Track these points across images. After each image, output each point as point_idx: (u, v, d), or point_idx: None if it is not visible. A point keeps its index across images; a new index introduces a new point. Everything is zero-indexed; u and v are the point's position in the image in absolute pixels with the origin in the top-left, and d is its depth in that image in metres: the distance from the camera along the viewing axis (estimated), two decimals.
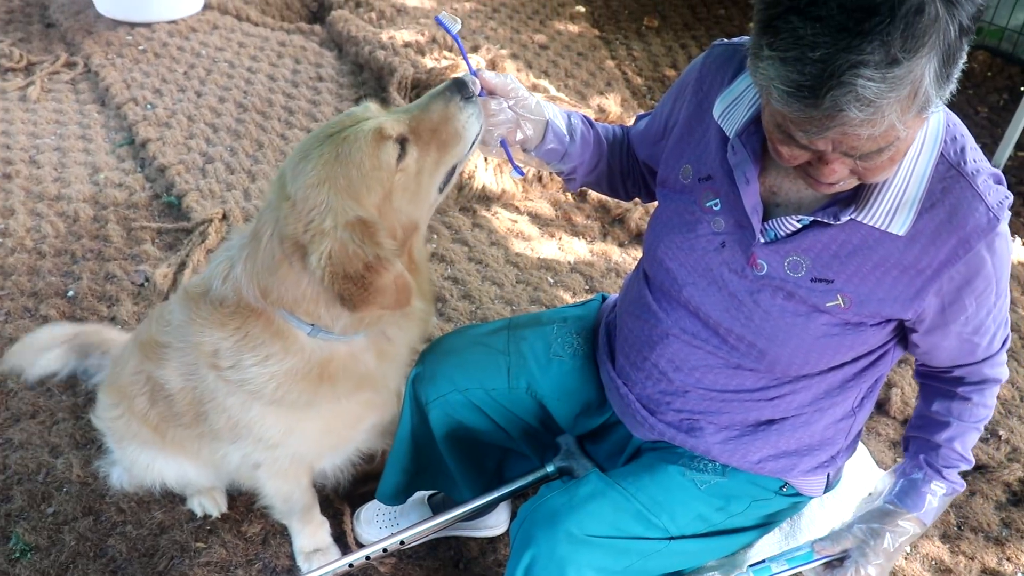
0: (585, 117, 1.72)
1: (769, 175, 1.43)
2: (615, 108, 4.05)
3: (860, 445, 1.88)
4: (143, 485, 2.15)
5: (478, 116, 1.53)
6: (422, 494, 2.23)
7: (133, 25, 4.75)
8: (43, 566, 2.13)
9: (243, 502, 2.30)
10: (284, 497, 2.00)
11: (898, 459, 2.55)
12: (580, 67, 4.68)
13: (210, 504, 2.25)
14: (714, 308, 1.47)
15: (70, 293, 3.01)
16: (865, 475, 1.84)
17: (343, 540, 2.23)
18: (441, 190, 1.61)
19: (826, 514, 1.74)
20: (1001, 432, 2.63)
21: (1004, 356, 1.56)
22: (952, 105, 1.26)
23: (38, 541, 2.19)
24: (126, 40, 4.64)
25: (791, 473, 1.58)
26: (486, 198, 3.61)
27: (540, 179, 3.71)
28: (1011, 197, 1.36)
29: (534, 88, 4.11)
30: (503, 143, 1.59)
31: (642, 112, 1.81)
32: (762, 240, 1.40)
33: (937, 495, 1.58)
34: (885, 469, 2.42)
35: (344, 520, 2.27)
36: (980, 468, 2.54)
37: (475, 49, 4.31)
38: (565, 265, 3.29)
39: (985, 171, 1.32)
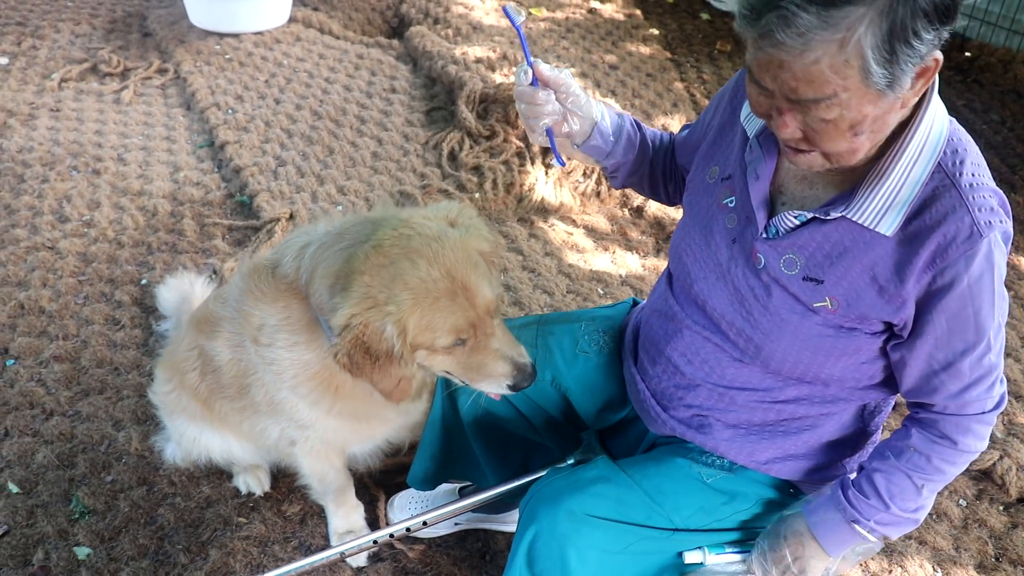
0: (635, 121, 1.79)
1: (779, 175, 1.48)
2: (678, 128, 4.09)
3: None
4: (191, 458, 2.28)
5: (501, 392, 1.68)
6: (454, 486, 2.30)
7: (222, 35, 5.02)
8: (98, 528, 2.28)
9: (285, 483, 2.41)
10: (319, 476, 2.10)
11: None
12: (648, 87, 4.73)
13: (254, 482, 2.37)
14: (719, 302, 1.52)
15: (143, 281, 3.19)
16: None
17: (377, 525, 2.31)
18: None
19: None
20: None
21: (984, 428, 1.46)
22: None
23: (96, 505, 2.34)
24: (215, 49, 4.89)
25: (799, 477, 1.60)
26: (544, 210, 3.68)
27: (598, 194, 3.78)
28: (1008, 224, 1.35)
29: None
30: (549, 132, 1.66)
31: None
32: (764, 235, 1.45)
33: (841, 527, 1.52)
34: None
35: (379, 506, 2.36)
36: (1023, 500, 2.48)
37: None
38: (616, 278, 3.34)
39: (982, 187, 1.32)
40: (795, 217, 1.41)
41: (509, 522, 2.27)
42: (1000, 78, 5.01)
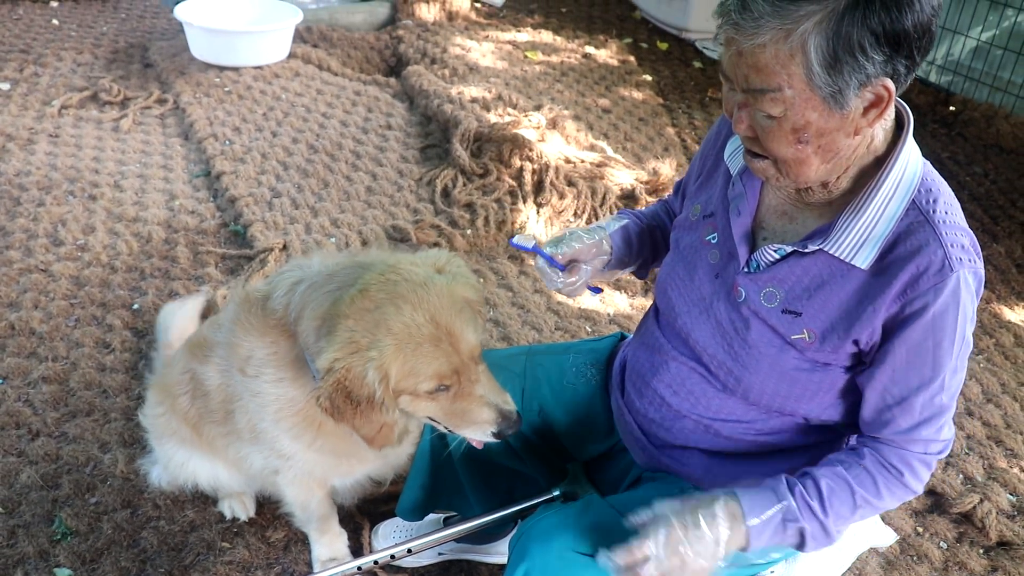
0: (633, 214, 1.89)
1: (760, 212, 1.53)
2: (668, 172, 4.16)
3: None
4: (177, 482, 2.28)
5: (485, 439, 1.69)
6: (440, 516, 2.31)
7: (222, 68, 5.09)
8: (80, 549, 2.27)
9: (269, 509, 2.41)
10: (302, 505, 2.11)
11: (918, 528, 2.53)
12: (640, 131, 4.82)
13: (239, 507, 2.37)
14: (702, 335, 1.56)
15: (135, 306, 3.21)
16: (868, 528, 1.86)
17: (360, 553, 2.31)
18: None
19: (823, 561, 1.77)
20: None
21: (924, 470, 1.47)
22: None
23: (78, 526, 2.34)
24: (214, 82, 4.96)
25: None
26: None
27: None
28: (979, 266, 1.39)
29: (591, 148, 4.26)
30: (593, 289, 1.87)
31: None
32: (745, 270, 1.49)
33: (775, 515, 1.42)
34: (904, 538, 2.42)
35: (363, 534, 2.36)
36: (1004, 544, 2.50)
37: (538, 108, 4.49)
38: (604, 316, 3.38)
39: (955, 226, 1.38)
40: (775, 251, 1.46)
41: (492, 553, 2.27)
42: (983, 132, 5.13)
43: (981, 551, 2.49)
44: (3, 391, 2.78)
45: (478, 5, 6.42)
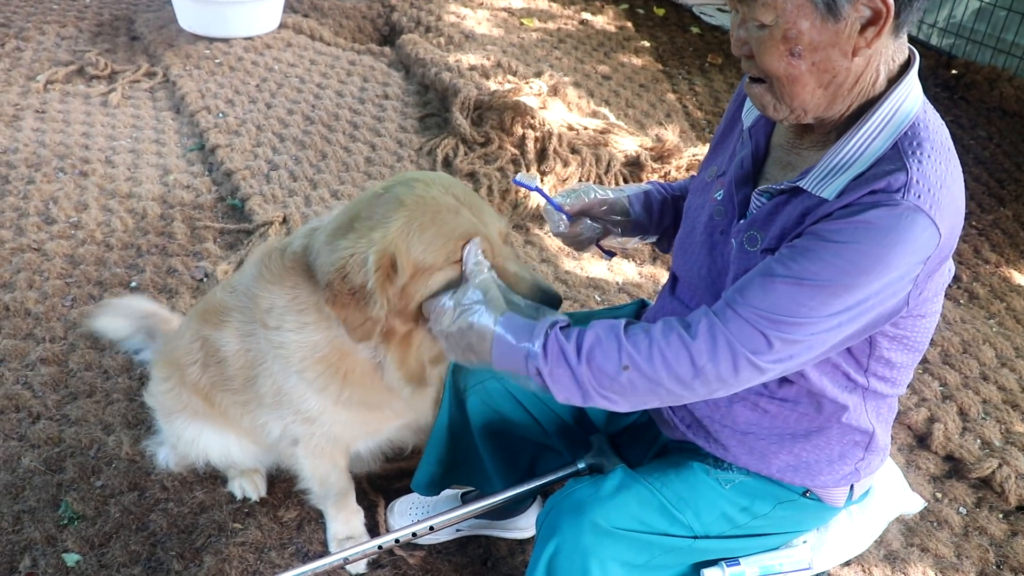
0: (661, 185, 1.86)
1: (765, 165, 1.51)
2: (672, 138, 4.08)
3: (894, 466, 1.87)
4: (188, 460, 2.23)
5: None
6: (457, 491, 2.26)
7: (212, 40, 4.97)
8: (88, 534, 2.21)
9: (282, 488, 2.36)
10: (321, 478, 2.05)
11: (937, 494, 2.50)
12: (641, 98, 4.74)
13: (250, 487, 2.32)
14: (707, 296, 1.53)
15: (133, 284, 3.13)
16: (897, 495, 1.83)
17: (376, 531, 2.26)
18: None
19: (854, 528, 1.73)
20: None
21: (724, 351, 1.29)
22: None
23: (85, 511, 2.28)
24: (204, 53, 4.84)
25: (813, 482, 1.58)
26: (540, 217, 3.66)
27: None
28: (944, 223, 1.26)
29: (593, 114, 4.18)
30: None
31: (698, 145, 1.91)
32: (741, 221, 1.47)
33: (517, 344, 1.37)
34: (924, 501, 2.40)
35: (378, 512, 2.31)
36: (1022, 508, 2.49)
37: (538, 75, 4.40)
38: (613, 285, 3.32)
39: (932, 171, 1.28)
40: (761, 195, 1.44)
41: (511, 528, 2.23)
42: (986, 95, 5.07)
43: (1001, 515, 2.46)
44: (0, 374, 2.70)
45: None
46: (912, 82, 1.35)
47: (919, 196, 1.24)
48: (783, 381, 1.50)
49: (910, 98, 1.34)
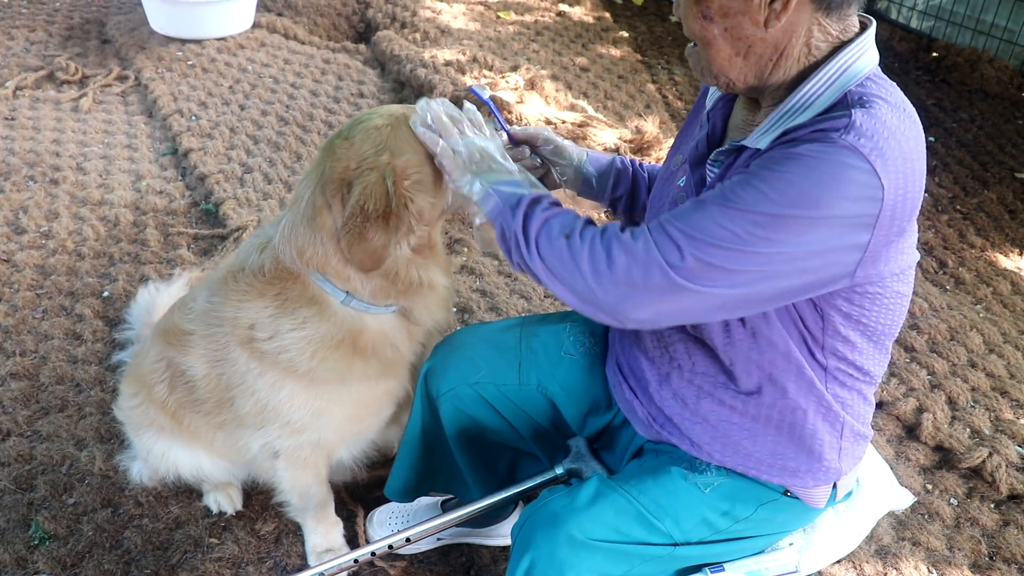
0: (632, 160, 1.85)
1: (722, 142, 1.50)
2: (652, 129, 4.03)
3: (881, 462, 1.83)
4: (158, 475, 2.17)
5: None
6: (435, 499, 2.21)
7: (184, 41, 4.89)
8: (60, 554, 2.15)
9: (258, 501, 2.31)
10: (301, 490, 2.00)
11: (928, 485, 2.47)
12: (620, 89, 4.69)
13: (225, 501, 2.26)
14: None
15: (105, 294, 3.07)
16: (885, 491, 1.78)
17: (355, 543, 2.21)
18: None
19: (842, 527, 1.69)
20: None
21: (632, 265, 1.25)
22: None
23: (57, 530, 2.22)
24: (176, 55, 4.77)
25: (792, 481, 1.53)
26: None
27: (574, 197, 3.70)
28: (879, 167, 1.17)
29: (571, 108, 4.12)
30: (494, 111, 1.81)
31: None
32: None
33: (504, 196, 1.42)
34: (914, 493, 2.36)
35: (357, 522, 2.26)
36: (1015, 497, 2.45)
37: (515, 68, 4.34)
38: None
39: (880, 120, 1.21)
40: (713, 164, 1.42)
41: (493, 536, 2.18)
42: (967, 77, 5.04)
43: (992, 505, 2.43)
44: None
45: None
46: (865, 44, 1.31)
47: (859, 138, 1.18)
48: (743, 371, 1.46)
49: (862, 59, 1.31)
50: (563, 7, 5.69)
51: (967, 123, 4.65)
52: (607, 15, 5.67)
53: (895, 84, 1.34)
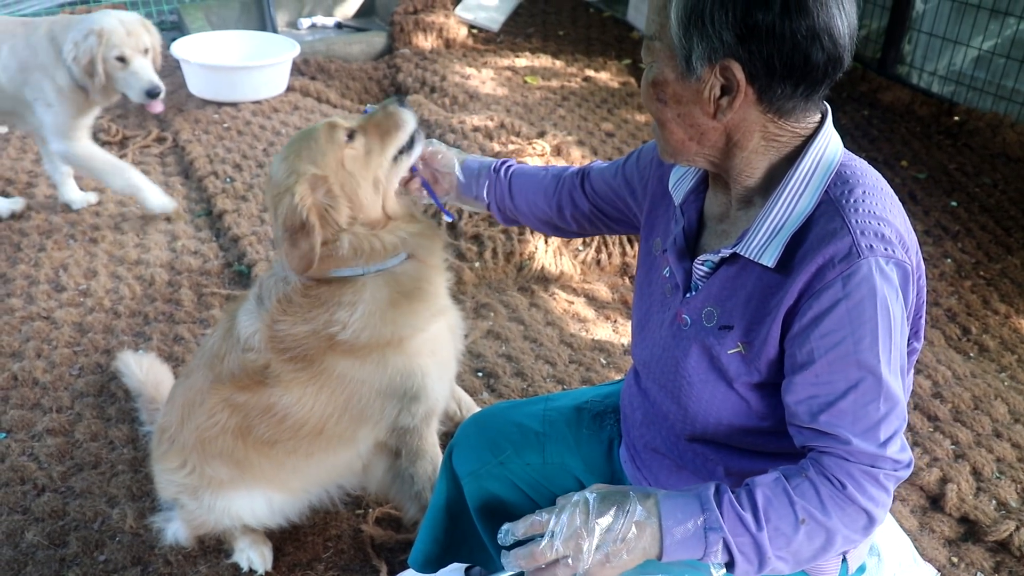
0: (517, 164, 1.96)
1: (702, 235, 1.52)
2: None
3: (903, 536, 1.84)
4: (216, 529, 2.22)
5: (412, 114, 1.97)
6: (460, 565, 2.23)
7: (221, 104, 5.06)
8: None
9: (285, 563, 2.34)
10: (434, 458, 2.23)
11: (953, 559, 2.46)
12: None
13: (257, 558, 2.29)
14: (653, 364, 1.55)
15: (140, 352, 3.15)
16: (907, 566, 1.79)
17: None
18: (396, 160, 1.95)
19: None
20: None
21: (874, 487, 1.28)
22: None
23: None
24: (213, 118, 4.93)
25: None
26: (544, 279, 3.67)
27: (599, 262, 3.77)
28: (904, 255, 1.29)
29: None
30: (428, 191, 2.00)
31: None
32: (687, 295, 1.47)
33: (695, 522, 1.27)
34: (939, 569, 2.34)
35: None
36: None
37: (542, 135, 4.45)
38: (619, 347, 3.31)
39: (872, 215, 1.28)
40: (703, 264, 1.44)
41: None
42: (989, 142, 5.08)
43: None
44: (7, 445, 2.71)
45: (475, 31, 6.40)
46: (828, 132, 1.37)
47: (871, 247, 1.26)
48: (744, 457, 1.49)
49: (830, 147, 1.36)
50: (589, 72, 5.82)
51: (990, 187, 4.67)
52: (632, 80, 5.79)
53: (863, 160, 1.40)
